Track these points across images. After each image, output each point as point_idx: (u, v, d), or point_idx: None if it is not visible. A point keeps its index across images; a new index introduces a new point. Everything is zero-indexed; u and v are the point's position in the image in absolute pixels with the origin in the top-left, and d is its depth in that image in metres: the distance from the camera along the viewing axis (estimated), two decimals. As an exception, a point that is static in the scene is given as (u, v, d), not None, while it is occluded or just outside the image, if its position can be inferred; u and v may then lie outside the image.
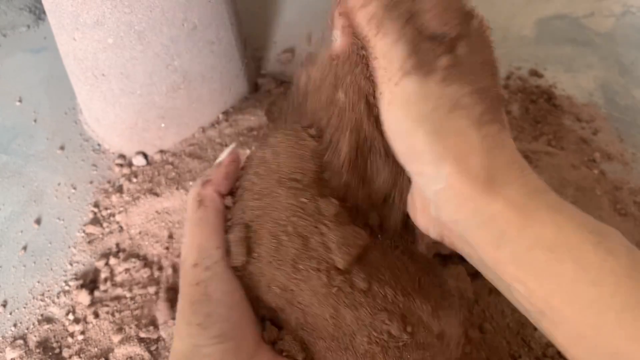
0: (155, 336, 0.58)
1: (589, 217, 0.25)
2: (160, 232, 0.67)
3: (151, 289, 0.62)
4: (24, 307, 0.63)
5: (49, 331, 0.60)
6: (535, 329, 0.54)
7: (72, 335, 0.60)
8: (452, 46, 0.26)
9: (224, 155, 0.33)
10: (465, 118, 0.24)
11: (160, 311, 0.60)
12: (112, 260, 0.66)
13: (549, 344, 0.53)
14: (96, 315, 0.61)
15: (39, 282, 0.65)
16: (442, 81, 0.24)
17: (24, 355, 0.59)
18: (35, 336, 0.60)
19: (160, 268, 0.64)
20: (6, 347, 0.59)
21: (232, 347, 0.25)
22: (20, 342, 0.60)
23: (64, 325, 0.61)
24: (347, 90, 0.30)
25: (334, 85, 0.31)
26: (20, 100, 0.91)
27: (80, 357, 0.58)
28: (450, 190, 0.23)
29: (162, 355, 0.57)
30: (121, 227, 0.70)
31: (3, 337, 0.61)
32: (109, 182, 0.75)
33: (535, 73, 0.92)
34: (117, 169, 0.76)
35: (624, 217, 0.68)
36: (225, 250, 0.28)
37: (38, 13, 1.09)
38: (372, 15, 0.27)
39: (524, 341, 0.54)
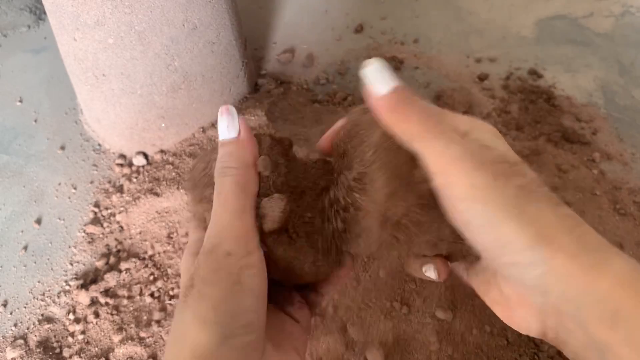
0: (155, 336, 0.59)
1: None
2: (161, 232, 0.67)
3: (151, 289, 0.62)
4: (25, 307, 0.63)
5: (50, 331, 0.61)
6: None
7: (72, 335, 0.60)
8: None
9: (234, 125, 0.30)
10: (542, 202, 0.24)
11: (161, 311, 0.60)
12: (113, 260, 0.66)
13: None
14: (96, 315, 0.61)
15: (39, 281, 0.66)
16: (517, 170, 0.24)
17: (25, 355, 0.59)
18: (35, 336, 0.60)
19: (161, 268, 0.64)
20: (7, 347, 0.59)
21: (255, 339, 0.25)
22: (21, 341, 0.60)
23: (64, 325, 0.61)
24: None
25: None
26: (20, 101, 0.91)
27: (80, 357, 0.58)
28: (555, 271, 0.23)
29: (162, 354, 0.57)
30: (121, 227, 0.70)
31: (3, 336, 0.61)
32: (109, 182, 0.76)
33: (534, 73, 0.93)
34: (117, 169, 0.76)
35: (624, 216, 0.68)
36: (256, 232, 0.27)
37: (38, 13, 1.09)
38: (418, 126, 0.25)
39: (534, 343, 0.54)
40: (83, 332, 0.60)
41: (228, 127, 0.30)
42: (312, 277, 0.30)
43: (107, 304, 0.61)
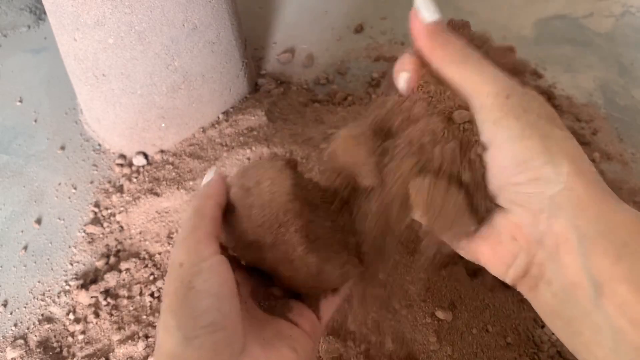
0: (155, 336, 0.59)
1: None
2: (161, 232, 0.67)
3: (151, 289, 0.62)
4: (25, 307, 0.63)
5: (50, 331, 0.61)
6: (542, 326, 0.54)
7: (72, 334, 0.60)
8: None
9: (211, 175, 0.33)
10: (563, 130, 0.25)
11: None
12: (113, 260, 0.66)
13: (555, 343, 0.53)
14: (96, 314, 0.61)
15: (39, 281, 0.66)
16: (537, 96, 0.26)
17: (25, 354, 0.59)
18: (35, 336, 0.60)
19: (161, 267, 0.64)
20: (7, 347, 0.59)
21: (223, 337, 0.25)
22: (21, 341, 0.60)
23: (64, 325, 0.61)
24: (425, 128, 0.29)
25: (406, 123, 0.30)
26: (20, 101, 0.91)
27: (80, 357, 0.58)
28: (571, 192, 0.23)
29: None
30: (121, 227, 0.70)
31: (4, 336, 0.61)
32: (109, 182, 0.76)
33: (535, 73, 0.92)
34: (117, 169, 0.76)
35: (624, 217, 0.68)
36: (217, 249, 0.28)
37: (38, 13, 1.09)
38: (455, 53, 0.28)
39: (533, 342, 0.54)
40: (83, 332, 0.60)
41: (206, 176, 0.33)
42: (339, 282, 0.31)
43: (107, 304, 0.61)
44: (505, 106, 0.25)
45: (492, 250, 0.28)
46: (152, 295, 0.62)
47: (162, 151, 0.77)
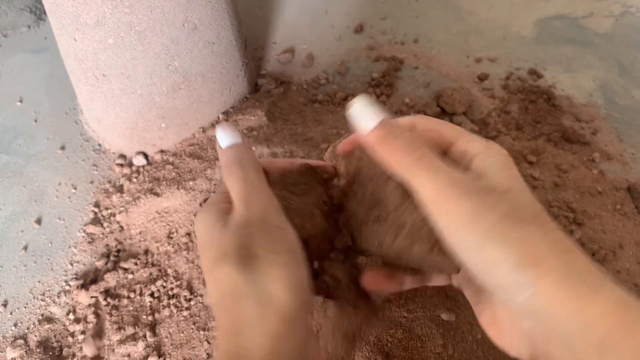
0: (155, 335, 0.59)
1: None
2: (161, 232, 0.67)
3: (151, 289, 0.62)
4: (25, 307, 0.63)
5: (50, 331, 0.61)
6: None
7: (72, 334, 0.60)
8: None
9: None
10: (532, 226, 0.24)
11: (161, 311, 0.60)
12: (113, 260, 0.66)
13: None
14: (96, 315, 0.61)
15: (39, 282, 0.66)
16: (506, 198, 0.25)
17: (25, 355, 0.59)
18: (35, 336, 0.60)
19: (161, 267, 0.64)
20: (7, 347, 0.59)
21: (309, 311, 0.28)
22: (21, 341, 0.60)
23: (64, 325, 0.61)
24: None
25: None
26: (20, 101, 0.91)
27: (80, 357, 0.58)
28: (542, 295, 0.23)
29: (161, 353, 0.57)
30: (121, 227, 0.70)
31: (4, 336, 0.61)
32: (109, 182, 0.76)
33: (534, 73, 0.93)
34: (117, 169, 0.76)
35: (623, 216, 0.68)
36: None
37: (39, 13, 1.09)
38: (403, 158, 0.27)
39: None
40: (83, 332, 0.60)
41: (229, 135, 0.33)
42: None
43: (107, 304, 0.61)
44: (462, 214, 0.24)
45: (499, 338, 0.28)
46: (152, 295, 0.62)
47: (162, 151, 0.77)
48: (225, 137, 0.32)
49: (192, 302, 0.60)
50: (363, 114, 0.28)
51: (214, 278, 0.27)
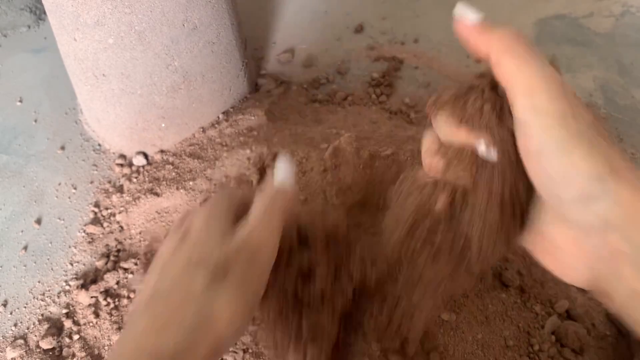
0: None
1: None
2: (161, 232, 0.67)
3: (151, 289, 0.62)
4: (25, 307, 0.63)
5: (50, 331, 0.61)
6: (542, 326, 0.54)
7: (72, 334, 0.60)
8: None
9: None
10: (607, 139, 0.24)
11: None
12: (113, 260, 0.66)
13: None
14: (96, 315, 0.61)
15: (39, 281, 0.66)
16: (590, 109, 0.25)
17: (25, 354, 0.59)
18: (35, 336, 0.60)
19: (161, 268, 0.64)
20: (7, 347, 0.59)
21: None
22: (21, 341, 0.60)
23: (64, 325, 0.61)
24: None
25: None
26: (20, 101, 0.91)
27: (80, 357, 0.58)
28: (621, 205, 0.23)
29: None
30: (121, 227, 0.70)
31: (4, 336, 0.61)
32: (109, 182, 0.76)
33: (535, 73, 0.92)
34: (117, 169, 0.76)
35: (624, 217, 0.68)
36: None
37: (39, 13, 1.09)
38: (511, 44, 0.27)
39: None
40: (83, 332, 0.60)
41: (289, 173, 0.35)
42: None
43: (107, 304, 0.61)
44: (556, 112, 0.24)
45: (556, 264, 0.28)
46: (152, 295, 0.62)
47: (162, 151, 0.77)
48: (284, 173, 0.34)
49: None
50: (469, 10, 0.29)
51: (183, 273, 0.29)
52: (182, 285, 0.28)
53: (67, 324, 0.61)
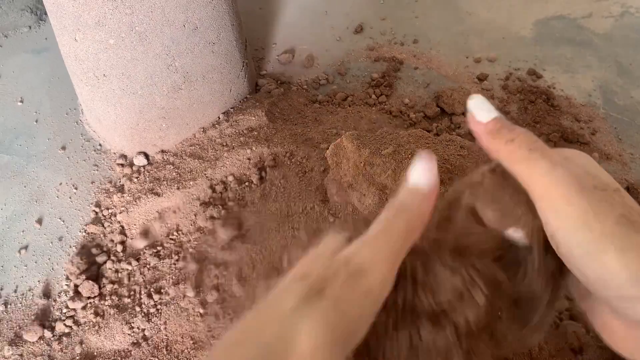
0: (155, 334, 0.59)
1: None
2: (161, 232, 0.67)
3: (151, 288, 0.62)
4: (25, 307, 0.64)
5: (49, 330, 0.61)
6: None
7: (72, 334, 0.60)
8: None
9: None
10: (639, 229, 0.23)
11: (160, 310, 0.60)
12: (113, 260, 0.66)
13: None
14: (97, 314, 0.61)
15: (39, 281, 0.66)
16: (618, 198, 0.23)
17: (24, 353, 0.59)
18: (35, 335, 0.60)
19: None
20: (5, 346, 0.60)
21: None
22: (21, 341, 0.60)
23: (64, 324, 0.61)
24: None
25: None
26: (21, 101, 0.91)
27: (80, 356, 0.58)
28: None
29: (160, 351, 0.57)
30: (122, 227, 0.70)
31: (3, 336, 0.61)
32: (110, 182, 0.76)
33: (534, 73, 0.93)
34: (118, 169, 0.77)
35: (623, 216, 0.68)
36: None
37: (39, 14, 1.09)
38: (520, 150, 0.25)
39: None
40: (83, 332, 0.60)
41: (426, 172, 0.28)
42: None
43: (107, 303, 0.61)
44: (575, 213, 0.23)
45: (614, 343, 0.27)
46: (151, 294, 0.62)
47: (162, 151, 0.77)
48: (421, 173, 0.27)
49: (191, 302, 0.60)
50: (480, 107, 0.28)
51: (283, 287, 0.24)
52: (275, 300, 0.24)
53: (68, 323, 0.61)
